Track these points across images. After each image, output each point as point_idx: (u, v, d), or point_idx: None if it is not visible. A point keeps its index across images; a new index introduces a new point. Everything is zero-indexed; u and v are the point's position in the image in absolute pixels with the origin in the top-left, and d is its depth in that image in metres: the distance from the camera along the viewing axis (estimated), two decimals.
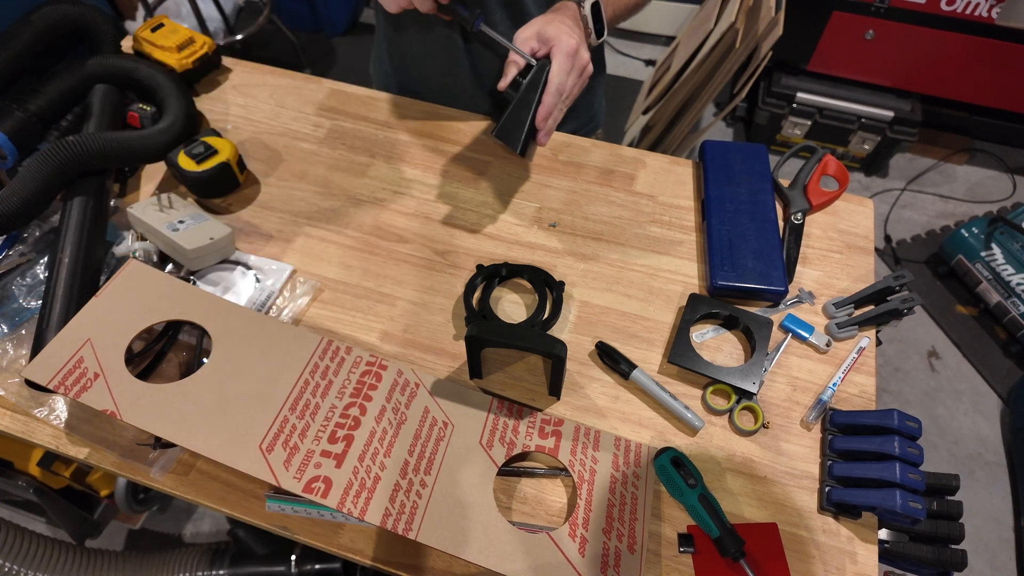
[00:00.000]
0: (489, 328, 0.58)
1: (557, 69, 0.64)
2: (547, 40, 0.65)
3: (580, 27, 0.70)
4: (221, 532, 1.38)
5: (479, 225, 0.75)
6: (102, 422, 0.60)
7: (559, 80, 0.64)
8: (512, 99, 0.66)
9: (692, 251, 0.74)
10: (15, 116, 0.73)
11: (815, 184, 0.76)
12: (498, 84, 0.67)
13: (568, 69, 0.65)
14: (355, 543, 0.56)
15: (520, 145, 0.66)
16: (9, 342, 0.64)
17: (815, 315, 0.69)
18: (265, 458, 0.51)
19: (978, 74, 1.80)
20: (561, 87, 0.64)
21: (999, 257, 1.65)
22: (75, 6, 0.81)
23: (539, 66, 0.65)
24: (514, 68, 0.67)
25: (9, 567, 0.94)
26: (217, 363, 0.57)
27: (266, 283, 0.69)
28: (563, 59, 0.64)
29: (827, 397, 0.62)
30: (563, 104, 0.67)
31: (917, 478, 0.52)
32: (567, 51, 0.64)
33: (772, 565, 0.53)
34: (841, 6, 1.76)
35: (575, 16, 0.70)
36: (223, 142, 0.75)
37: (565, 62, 0.64)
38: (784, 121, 1.97)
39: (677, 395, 0.62)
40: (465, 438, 0.57)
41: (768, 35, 1.25)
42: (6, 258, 0.70)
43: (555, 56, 0.64)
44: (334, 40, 2.45)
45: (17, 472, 1.13)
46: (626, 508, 0.55)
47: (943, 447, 1.55)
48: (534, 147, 0.75)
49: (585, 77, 0.68)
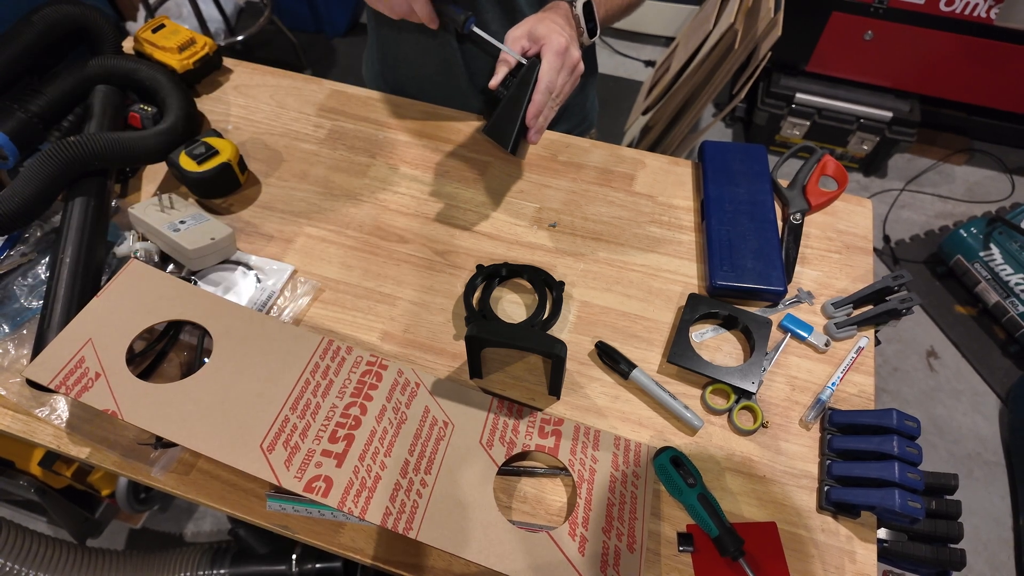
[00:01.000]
0: (489, 328, 0.58)
1: (547, 67, 0.64)
2: (537, 39, 0.66)
3: (572, 26, 0.70)
4: (222, 531, 1.38)
5: (479, 225, 0.76)
6: (103, 422, 0.60)
7: (549, 78, 0.64)
8: (503, 97, 0.66)
9: (691, 251, 0.74)
10: (16, 116, 0.73)
11: (814, 184, 0.77)
12: (489, 83, 0.68)
13: (558, 67, 0.65)
14: (356, 542, 0.56)
15: (511, 143, 0.66)
16: (10, 342, 0.64)
17: (814, 315, 0.69)
18: (266, 457, 0.51)
19: (977, 74, 1.80)
20: (551, 85, 0.65)
21: (998, 257, 1.65)
22: (76, 7, 0.81)
23: (529, 65, 0.65)
24: (505, 67, 0.67)
25: (10, 567, 0.94)
26: (218, 363, 0.57)
27: (267, 283, 0.69)
28: (553, 57, 0.64)
29: (826, 397, 0.62)
30: (553, 102, 0.67)
31: (916, 477, 0.53)
32: (557, 49, 0.64)
33: (771, 564, 0.54)
34: (840, 7, 1.76)
35: (567, 15, 0.70)
36: (224, 143, 0.75)
37: (555, 60, 0.64)
38: (783, 121, 1.98)
39: (676, 395, 0.62)
40: (465, 438, 0.57)
41: (767, 36, 1.25)
42: (7, 258, 0.70)
43: (545, 54, 0.64)
44: (334, 41, 2.45)
45: (18, 472, 1.13)
46: (626, 507, 0.55)
47: (942, 447, 1.55)
48: (525, 145, 0.75)
49: (576, 76, 0.68)
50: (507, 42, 0.67)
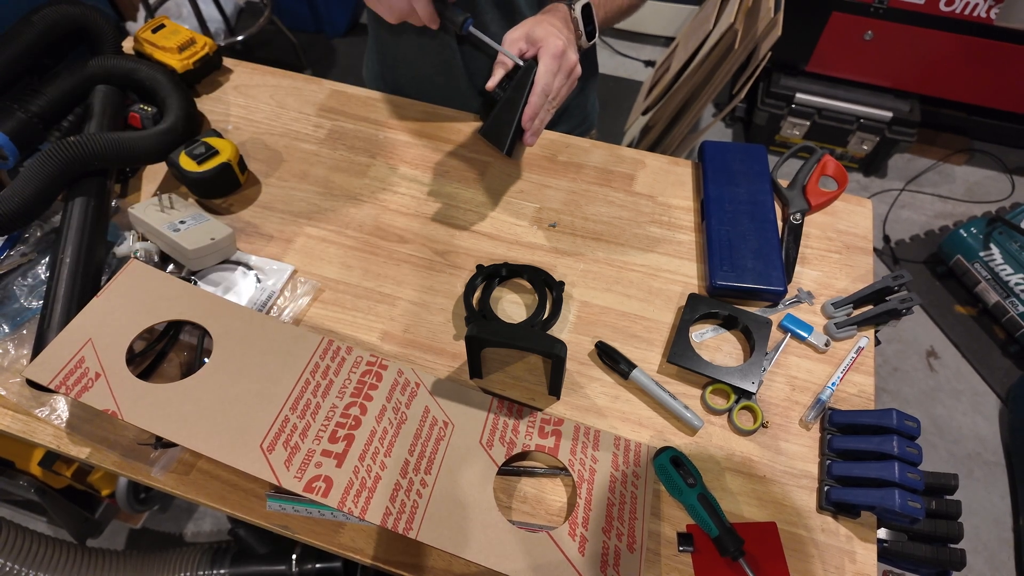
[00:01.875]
0: (489, 328, 0.58)
1: (543, 70, 0.64)
2: (535, 41, 0.66)
3: (570, 29, 0.70)
4: (222, 531, 1.38)
5: (479, 225, 0.76)
6: (103, 422, 0.60)
7: (545, 81, 0.64)
8: (499, 99, 0.66)
9: (691, 251, 0.74)
10: (16, 116, 0.73)
11: (814, 184, 0.77)
12: (486, 84, 0.68)
13: (555, 70, 0.65)
14: (355, 542, 0.56)
15: (507, 145, 0.67)
16: (10, 342, 0.64)
17: (814, 315, 0.69)
18: (266, 457, 0.51)
19: (977, 74, 1.80)
20: (547, 88, 0.65)
21: (998, 257, 1.65)
22: (76, 7, 0.81)
23: (526, 67, 0.65)
24: (502, 69, 0.67)
25: (10, 567, 0.94)
26: (218, 363, 0.57)
27: (267, 283, 0.69)
28: (550, 60, 0.64)
29: (826, 397, 0.62)
30: (550, 105, 0.67)
31: (916, 477, 0.53)
32: (554, 52, 0.64)
33: (771, 564, 0.54)
34: (840, 7, 1.76)
35: (565, 18, 0.70)
36: (224, 143, 0.75)
37: (552, 63, 0.64)
38: (783, 121, 1.98)
39: (676, 395, 0.62)
40: (465, 438, 0.57)
41: (767, 36, 1.25)
42: (7, 258, 0.70)
43: (542, 57, 0.64)
44: (334, 41, 2.45)
45: (18, 472, 1.13)
46: (626, 507, 0.55)
47: (942, 447, 1.55)
48: (522, 147, 0.75)
49: (573, 79, 0.68)
50: (505, 44, 0.67)
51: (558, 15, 0.70)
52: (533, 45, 0.66)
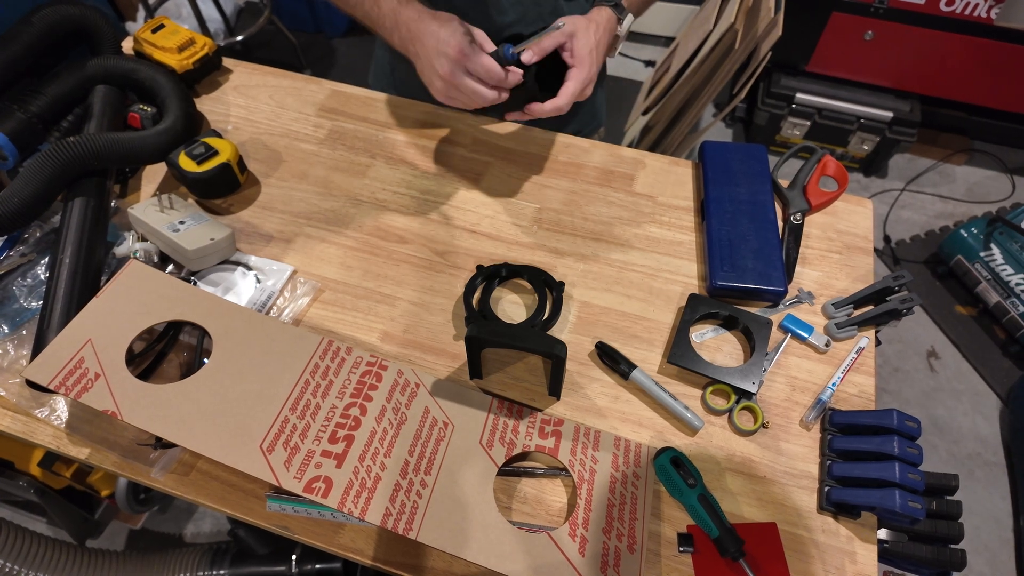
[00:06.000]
0: (489, 328, 0.58)
1: (566, 93, 0.68)
2: (574, 55, 0.68)
3: (607, 42, 0.72)
4: (222, 532, 1.38)
5: (479, 225, 0.76)
6: (103, 422, 0.60)
7: (560, 104, 0.68)
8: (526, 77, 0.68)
9: (692, 251, 0.74)
10: (16, 117, 0.73)
11: (814, 184, 0.76)
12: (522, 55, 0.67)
13: (571, 98, 0.68)
14: (355, 543, 0.56)
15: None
16: (10, 342, 0.64)
17: (814, 315, 0.69)
18: (266, 458, 0.51)
19: (977, 74, 1.80)
20: (559, 110, 0.69)
21: (998, 257, 1.65)
22: (76, 7, 0.81)
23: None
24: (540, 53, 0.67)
25: (10, 567, 0.94)
26: (218, 363, 0.57)
27: (266, 284, 0.69)
28: (574, 85, 0.68)
29: (826, 397, 0.62)
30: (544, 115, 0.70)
31: (916, 478, 0.53)
32: (582, 81, 0.68)
33: (771, 565, 0.54)
34: (840, 7, 1.76)
35: (609, 30, 0.72)
36: (223, 143, 0.75)
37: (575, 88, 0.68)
38: (783, 122, 1.98)
39: (677, 395, 0.62)
40: (465, 438, 0.57)
41: (767, 36, 1.25)
42: (7, 259, 0.70)
43: (571, 78, 0.68)
44: (334, 41, 2.45)
45: (18, 472, 1.13)
46: (626, 508, 0.55)
47: (942, 447, 1.55)
48: (516, 114, 0.74)
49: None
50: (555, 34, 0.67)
51: (604, 25, 0.71)
52: (570, 54, 0.68)
